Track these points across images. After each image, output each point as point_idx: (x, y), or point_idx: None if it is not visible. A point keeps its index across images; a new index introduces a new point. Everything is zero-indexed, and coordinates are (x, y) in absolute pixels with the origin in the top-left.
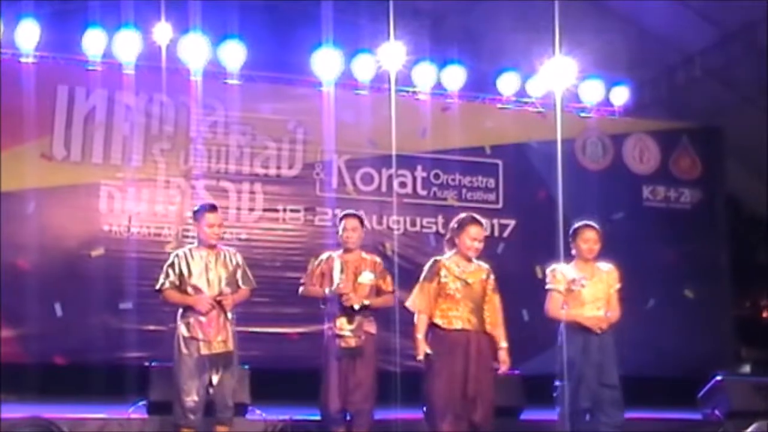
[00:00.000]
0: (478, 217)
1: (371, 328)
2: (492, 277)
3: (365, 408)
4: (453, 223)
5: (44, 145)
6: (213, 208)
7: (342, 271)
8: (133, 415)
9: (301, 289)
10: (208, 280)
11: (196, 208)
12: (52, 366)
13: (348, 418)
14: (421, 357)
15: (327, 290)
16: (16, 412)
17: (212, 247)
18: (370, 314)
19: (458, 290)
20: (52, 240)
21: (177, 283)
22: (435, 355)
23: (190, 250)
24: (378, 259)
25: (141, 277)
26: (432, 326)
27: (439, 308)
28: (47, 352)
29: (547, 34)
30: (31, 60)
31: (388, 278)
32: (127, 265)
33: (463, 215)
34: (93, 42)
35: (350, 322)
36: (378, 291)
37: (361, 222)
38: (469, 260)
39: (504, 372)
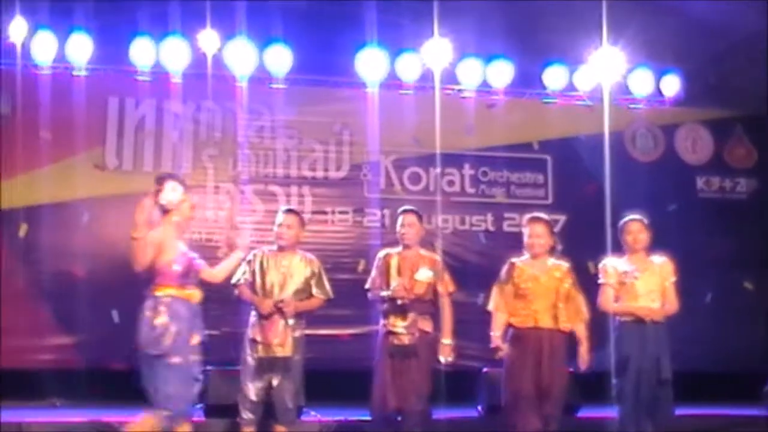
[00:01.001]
0: (539, 215)
1: (427, 326)
2: (571, 274)
3: (417, 409)
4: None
5: (96, 156)
6: (287, 210)
7: (399, 268)
8: (192, 419)
9: (369, 294)
10: (277, 283)
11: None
12: (110, 372)
13: (399, 418)
14: (498, 355)
15: (383, 291)
16: (75, 416)
17: (291, 251)
18: (427, 312)
19: (531, 289)
20: (106, 248)
21: (250, 279)
22: (510, 353)
23: (270, 251)
24: (437, 257)
25: None
26: (508, 325)
27: (514, 307)
28: (105, 358)
29: (594, 25)
30: (82, 73)
31: (446, 276)
32: None
33: (527, 215)
34: (141, 52)
35: (403, 319)
36: (435, 290)
37: (419, 218)
38: (541, 259)
39: (584, 370)
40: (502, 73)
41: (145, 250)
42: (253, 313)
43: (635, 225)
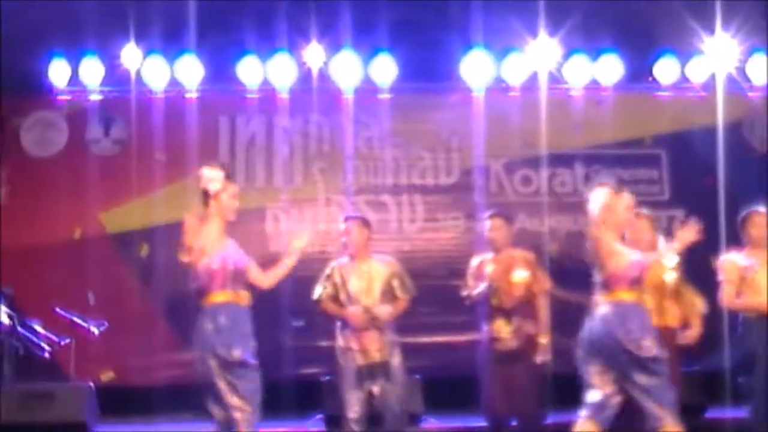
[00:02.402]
0: (645, 210)
1: (531, 329)
2: (677, 271)
3: (530, 413)
4: None
5: None
6: (346, 218)
7: (494, 272)
8: (311, 429)
9: (468, 302)
10: (361, 290)
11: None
12: None
13: (514, 423)
14: None
15: (475, 291)
16: (200, 428)
17: (366, 256)
18: (530, 315)
19: None
20: None
21: (333, 293)
22: None
23: (345, 261)
24: (530, 255)
25: (310, 294)
26: None
27: None
28: None
29: (705, 12)
30: (193, 95)
31: (540, 274)
32: (296, 284)
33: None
34: (248, 70)
35: (508, 323)
36: (531, 289)
37: (506, 220)
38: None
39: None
40: (610, 68)
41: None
42: (340, 323)
43: (760, 218)
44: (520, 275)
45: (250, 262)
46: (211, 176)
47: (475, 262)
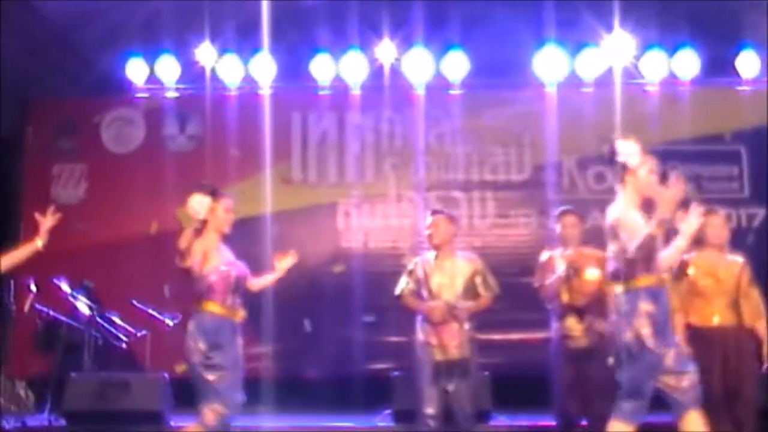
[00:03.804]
0: (716, 208)
1: (603, 327)
2: (746, 270)
3: (601, 413)
4: None
5: (283, 170)
6: (432, 212)
7: (566, 271)
8: (380, 424)
9: (540, 294)
10: (443, 286)
11: None
12: (303, 380)
13: (585, 423)
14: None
15: (548, 281)
16: (273, 422)
17: (450, 252)
18: (602, 313)
19: (709, 286)
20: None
21: (414, 288)
22: (693, 354)
23: (429, 256)
24: (602, 253)
25: (381, 290)
26: (687, 325)
27: (692, 306)
28: (299, 366)
29: None
30: (267, 92)
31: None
32: (367, 280)
33: (705, 208)
34: (321, 67)
35: (579, 321)
36: (602, 287)
37: (579, 218)
38: (718, 254)
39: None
40: (688, 62)
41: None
42: (422, 318)
43: None
44: (592, 273)
45: (246, 270)
46: (198, 201)
47: (544, 256)
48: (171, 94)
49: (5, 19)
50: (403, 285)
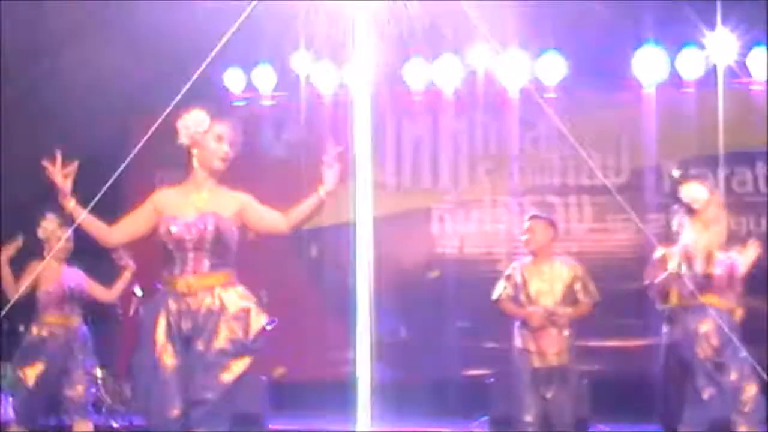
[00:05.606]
0: None
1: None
2: None
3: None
4: None
5: (377, 176)
6: (530, 217)
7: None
8: (476, 430)
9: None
10: (542, 292)
11: None
12: (399, 385)
13: None
14: None
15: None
16: (369, 427)
17: (548, 257)
18: None
19: None
20: (391, 265)
21: (512, 293)
22: None
23: (527, 261)
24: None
25: (476, 295)
26: None
27: None
28: (394, 371)
29: None
30: (361, 97)
31: None
32: (463, 285)
33: None
34: (415, 72)
35: None
36: None
37: None
38: None
39: None
40: None
41: None
42: (520, 324)
43: None
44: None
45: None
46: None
47: (658, 253)
48: (267, 102)
49: (112, 35)
50: (500, 289)
